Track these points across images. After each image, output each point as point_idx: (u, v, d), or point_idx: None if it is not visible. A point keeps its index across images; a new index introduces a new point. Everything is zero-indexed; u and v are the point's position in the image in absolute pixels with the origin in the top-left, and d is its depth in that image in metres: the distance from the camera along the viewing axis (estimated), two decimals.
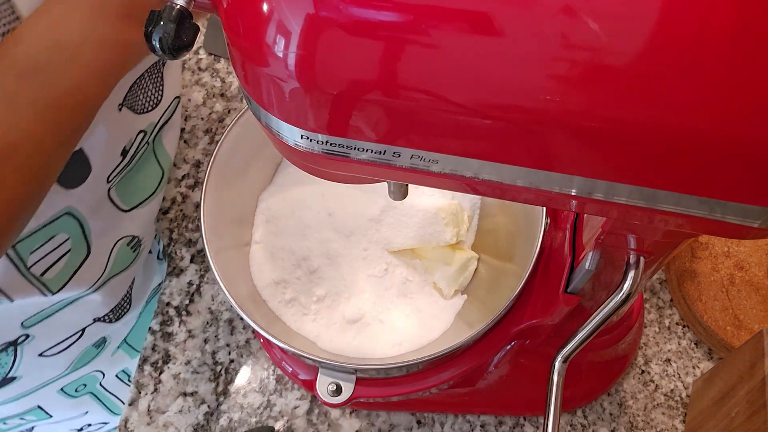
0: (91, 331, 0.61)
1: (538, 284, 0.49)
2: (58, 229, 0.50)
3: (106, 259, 0.56)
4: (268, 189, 0.58)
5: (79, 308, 0.57)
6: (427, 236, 0.54)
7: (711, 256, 0.61)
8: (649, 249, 0.35)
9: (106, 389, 0.71)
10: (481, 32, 0.21)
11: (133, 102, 0.55)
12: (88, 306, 0.58)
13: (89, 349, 0.63)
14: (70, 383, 0.65)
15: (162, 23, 0.23)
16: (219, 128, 0.71)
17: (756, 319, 0.58)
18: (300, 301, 0.53)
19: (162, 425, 0.55)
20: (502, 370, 0.54)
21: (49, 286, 0.51)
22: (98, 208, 0.54)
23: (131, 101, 0.54)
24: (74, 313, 0.57)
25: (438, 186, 0.28)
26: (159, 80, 0.58)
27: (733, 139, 0.21)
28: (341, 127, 0.25)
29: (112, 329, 0.64)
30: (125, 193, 0.57)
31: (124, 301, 0.62)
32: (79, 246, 0.52)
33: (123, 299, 0.62)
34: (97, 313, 0.59)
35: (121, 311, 0.63)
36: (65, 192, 0.49)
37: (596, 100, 0.21)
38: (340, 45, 0.22)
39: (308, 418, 0.56)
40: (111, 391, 0.72)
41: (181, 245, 0.64)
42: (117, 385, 0.71)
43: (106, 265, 0.56)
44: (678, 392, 0.58)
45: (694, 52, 0.20)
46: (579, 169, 0.24)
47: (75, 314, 0.57)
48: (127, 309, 0.64)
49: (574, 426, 0.56)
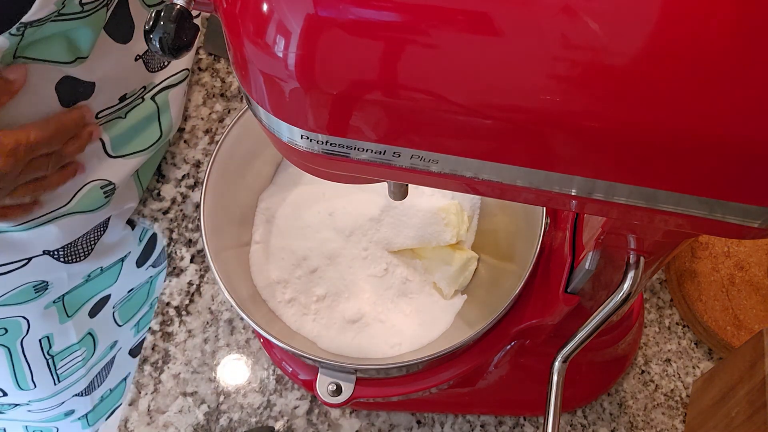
0: (37, 262, 0.60)
1: (538, 284, 0.49)
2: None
3: (74, 192, 0.57)
4: (268, 189, 0.58)
5: (33, 234, 0.57)
6: (427, 236, 0.54)
7: (711, 256, 0.61)
8: (649, 249, 0.35)
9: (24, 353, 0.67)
10: (480, 32, 0.21)
11: (150, 58, 0.59)
12: (43, 235, 0.57)
13: (28, 288, 0.62)
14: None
15: (162, 23, 0.23)
16: (219, 128, 0.71)
17: (756, 319, 0.58)
18: (300, 301, 0.53)
19: (162, 425, 0.55)
20: (502, 370, 0.54)
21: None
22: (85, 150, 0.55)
23: (149, 57, 0.59)
24: (28, 235, 0.57)
25: (438, 186, 0.28)
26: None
27: (733, 139, 0.21)
28: (341, 127, 0.25)
29: (57, 276, 0.63)
30: (117, 138, 0.59)
31: (79, 245, 0.62)
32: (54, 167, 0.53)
33: (79, 242, 0.62)
34: (49, 246, 0.59)
35: (73, 255, 0.62)
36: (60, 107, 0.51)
37: (596, 100, 0.21)
38: (340, 45, 0.22)
39: (308, 418, 0.56)
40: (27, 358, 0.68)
41: (181, 245, 0.64)
42: (35, 353, 0.68)
43: (71, 198, 0.57)
44: (678, 392, 0.58)
45: (694, 51, 0.20)
46: (579, 169, 0.24)
47: (28, 237, 0.57)
48: (81, 257, 0.63)
49: (574, 426, 0.56)
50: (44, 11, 0.42)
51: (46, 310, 0.66)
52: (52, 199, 0.55)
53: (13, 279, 0.60)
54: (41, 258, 0.59)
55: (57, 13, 0.44)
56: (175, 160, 0.69)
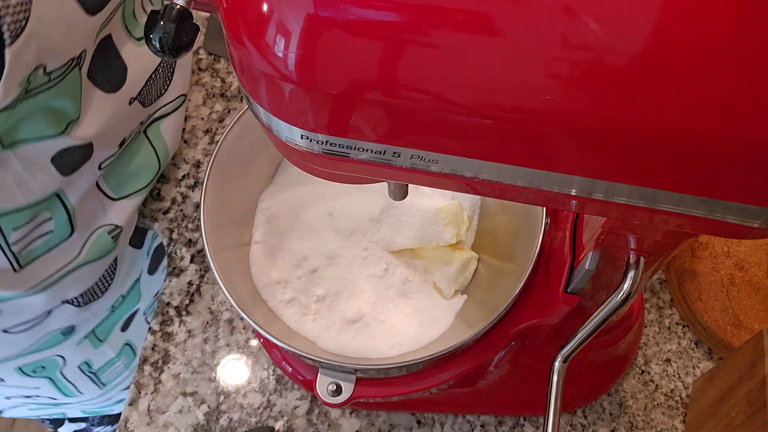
0: (58, 313, 0.60)
1: (538, 284, 0.49)
2: (45, 209, 0.50)
3: (83, 242, 0.56)
4: (268, 189, 0.58)
5: (49, 292, 0.56)
6: (427, 236, 0.54)
7: (711, 256, 0.61)
8: (649, 249, 0.35)
9: (65, 377, 0.70)
10: (480, 32, 0.21)
11: (145, 95, 0.56)
12: (58, 290, 0.57)
13: (56, 334, 0.62)
14: (29, 363, 0.65)
15: (162, 23, 0.23)
16: (219, 128, 0.71)
17: (756, 319, 0.58)
18: (300, 301, 0.53)
19: (162, 425, 0.55)
20: (502, 370, 0.54)
21: (22, 261, 0.51)
22: (86, 194, 0.54)
23: (144, 95, 0.55)
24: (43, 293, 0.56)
25: (438, 186, 0.28)
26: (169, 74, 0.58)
27: (733, 138, 0.21)
28: (341, 127, 0.25)
29: (82, 318, 0.63)
30: (116, 182, 0.57)
31: (96, 288, 0.62)
32: (63, 228, 0.53)
33: (95, 285, 0.61)
34: (66, 296, 0.59)
35: (92, 296, 0.62)
36: (59, 177, 0.49)
37: (596, 99, 0.21)
38: (340, 45, 0.22)
39: (308, 418, 0.56)
40: (69, 380, 0.71)
41: (181, 245, 0.64)
42: (77, 374, 0.70)
43: (81, 250, 0.56)
44: (678, 392, 0.58)
45: (694, 51, 0.20)
46: (579, 169, 0.24)
47: (44, 294, 0.56)
48: (99, 295, 0.63)
49: (574, 426, 0.56)
50: (10, 97, 0.39)
51: (79, 345, 0.67)
52: (61, 254, 0.54)
53: (38, 331, 0.60)
54: (61, 308, 0.59)
55: (25, 91, 0.41)
56: (175, 160, 0.69)
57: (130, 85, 0.53)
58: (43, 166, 0.48)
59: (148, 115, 0.59)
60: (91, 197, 0.55)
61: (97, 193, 0.56)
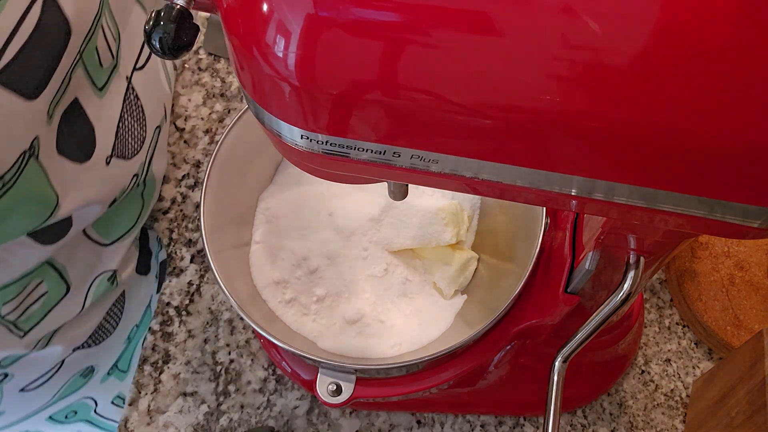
0: (72, 360, 0.59)
1: (538, 284, 0.49)
2: (34, 277, 0.47)
3: (84, 295, 0.54)
4: (268, 189, 0.58)
5: (55, 341, 0.55)
6: (427, 236, 0.54)
7: (711, 256, 0.61)
8: (649, 249, 0.35)
9: (102, 416, 0.70)
10: (480, 32, 0.21)
11: (123, 148, 0.51)
12: (66, 340, 0.56)
13: (75, 378, 0.62)
14: (58, 411, 0.64)
15: (162, 23, 0.23)
16: (219, 128, 0.71)
17: (756, 319, 0.58)
18: (300, 301, 0.53)
19: (162, 425, 0.55)
20: (502, 370, 0.54)
21: (22, 326, 0.49)
22: (76, 249, 0.51)
23: (120, 148, 0.50)
24: (52, 347, 0.55)
25: (438, 186, 0.28)
26: (141, 114, 0.53)
27: (733, 139, 0.21)
28: (341, 127, 0.25)
29: (98, 357, 0.62)
30: (105, 228, 0.54)
31: (105, 326, 0.61)
32: (57, 287, 0.51)
33: (104, 324, 0.60)
34: (76, 343, 0.58)
35: (102, 336, 0.61)
36: (42, 247, 0.46)
37: (596, 99, 0.21)
38: (340, 45, 0.22)
39: (308, 418, 0.56)
40: (107, 417, 0.70)
41: (181, 245, 0.64)
42: (112, 410, 0.70)
43: (84, 303, 0.54)
44: (678, 392, 0.58)
45: (694, 51, 0.20)
46: (579, 169, 0.24)
47: (52, 348, 0.55)
48: (110, 333, 0.62)
49: (574, 426, 0.56)
50: None
51: (104, 383, 0.66)
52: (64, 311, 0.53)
53: (56, 381, 0.59)
54: (72, 355, 0.58)
55: None
56: (175, 160, 0.69)
57: (102, 143, 0.48)
58: (22, 242, 0.44)
59: (141, 163, 0.54)
60: (82, 250, 0.52)
61: (88, 243, 0.53)
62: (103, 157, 0.48)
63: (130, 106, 0.52)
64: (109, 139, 0.49)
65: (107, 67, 0.47)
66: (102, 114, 0.47)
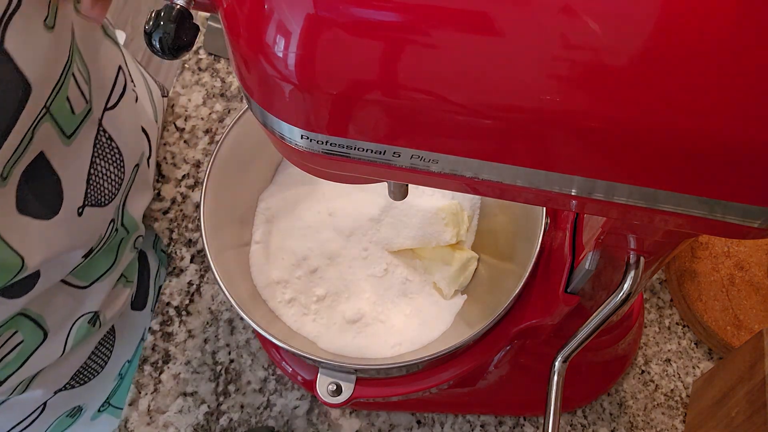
0: (54, 402, 0.56)
1: (538, 284, 0.49)
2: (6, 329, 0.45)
3: (64, 339, 0.52)
4: (268, 189, 0.58)
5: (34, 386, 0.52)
6: (427, 236, 0.54)
7: (711, 256, 0.61)
8: (649, 249, 0.35)
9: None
10: (480, 32, 0.21)
11: (98, 195, 0.47)
12: (44, 383, 0.53)
13: (62, 419, 0.59)
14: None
15: (162, 23, 0.23)
16: (219, 128, 0.71)
17: (756, 319, 0.58)
18: (300, 301, 0.53)
19: (162, 425, 0.55)
20: (502, 370, 0.54)
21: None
22: (52, 296, 0.48)
23: (94, 196, 0.47)
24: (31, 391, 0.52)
25: (438, 186, 0.28)
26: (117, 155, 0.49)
27: (733, 139, 0.21)
28: (341, 127, 0.25)
29: (87, 396, 0.60)
30: (84, 272, 0.51)
31: (91, 366, 0.58)
32: (33, 335, 0.48)
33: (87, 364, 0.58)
34: (57, 385, 0.55)
35: (88, 376, 0.58)
36: (9, 301, 0.43)
37: (596, 100, 0.21)
38: (340, 45, 0.22)
39: (308, 418, 0.56)
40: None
41: (181, 245, 0.64)
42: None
43: (64, 347, 0.52)
44: (678, 392, 0.58)
45: (694, 52, 0.20)
46: (579, 169, 0.24)
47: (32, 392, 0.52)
48: (97, 372, 0.59)
49: (574, 426, 0.56)
50: None
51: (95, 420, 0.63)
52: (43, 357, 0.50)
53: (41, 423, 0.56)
54: (54, 397, 0.56)
55: None
56: (175, 160, 0.69)
57: (71, 195, 0.44)
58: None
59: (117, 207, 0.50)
60: (58, 296, 0.49)
61: (64, 288, 0.50)
62: (73, 209, 0.45)
63: (102, 149, 0.48)
64: (80, 189, 0.45)
65: (80, 112, 0.44)
66: (70, 163, 0.44)
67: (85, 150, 0.46)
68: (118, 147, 0.50)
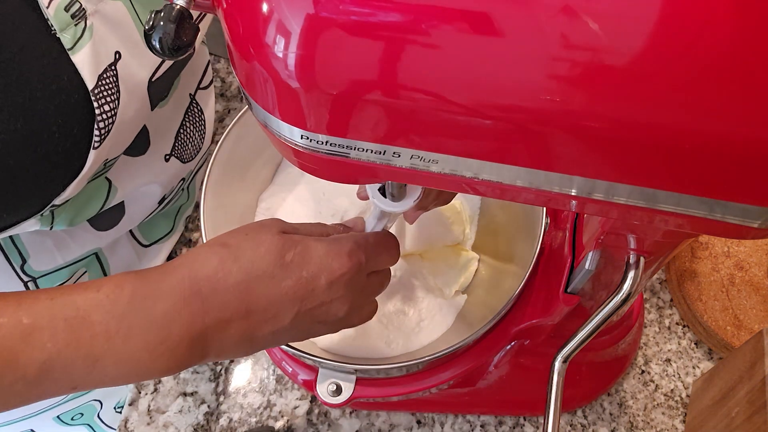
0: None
1: (538, 284, 0.49)
2: (81, 266, 0.50)
3: None
4: (268, 189, 0.58)
5: None
6: (431, 237, 0.54)
7: (711, 256, 0.61)
8: (649, 249, 0.35)
9: (103, 421, 0.70)
10: (480, 32, 0.21)
11: (182, 151, 0.55)
12: None
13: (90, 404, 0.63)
14: (66, 411, 0.64)
15: (162, 23, 0.23)
16: (219, 128, 0.71)
17: (756, 319, 0.58)
18: None
19: (162, 425, 0.55)
20: (502, 370, 0.54)
21: None
22: (119, 246, 0.54)
23: (179, 150, 0.55)
24: None
25: (438, 186, 0.28)
26: (202, 126, 0.58)
27: (733, 139, 0.21)
28: (341, 127, 0.25)
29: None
30: (147, 228, 0.57)
31: None
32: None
33: None
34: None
35: None
36: (96, 233, 0.49)
37: (596, 100, 0.21)
38: (340, 45, 0.22)
39: (308, 418, 0.56)
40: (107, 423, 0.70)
41: (181, 245, 0.64)
42: (113, 416, 0.70)
43: None
44: (678, 392, 0.58)
45: (694, 52, 0.20)
46: (579, 169, 0.24)
47: None
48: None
49: (574, 426, 0.56)
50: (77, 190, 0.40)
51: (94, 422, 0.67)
52: None
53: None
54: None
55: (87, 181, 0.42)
56: None
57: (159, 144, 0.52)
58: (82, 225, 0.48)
59: (190, 171, 0.58)
60: (123, 247, 0.55)
61: (130, 242, 0.56)
62: (161, 154, 0.52)
63: (193, 116, 0.56)
64: (168, 139, 0.53)
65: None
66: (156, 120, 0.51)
67: (176, 114, 0.54)
68: (204, 120, 0.58)
